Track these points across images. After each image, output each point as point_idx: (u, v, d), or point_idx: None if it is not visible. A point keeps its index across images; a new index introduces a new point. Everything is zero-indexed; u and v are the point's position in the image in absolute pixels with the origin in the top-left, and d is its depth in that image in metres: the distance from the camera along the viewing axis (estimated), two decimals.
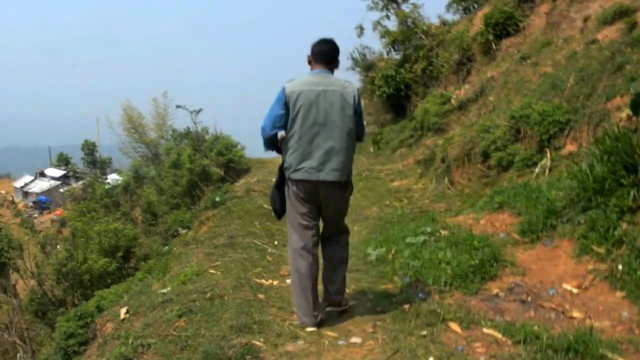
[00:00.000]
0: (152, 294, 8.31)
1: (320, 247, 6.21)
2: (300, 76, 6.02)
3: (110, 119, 37.78)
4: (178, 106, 25.35)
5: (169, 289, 8.18)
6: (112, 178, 42.09)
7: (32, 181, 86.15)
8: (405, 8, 25.96)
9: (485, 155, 11.72)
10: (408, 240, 7.87)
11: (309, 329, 5.82)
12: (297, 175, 5.83)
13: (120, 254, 18.02)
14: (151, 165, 31.40)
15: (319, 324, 5.88)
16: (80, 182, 56.04)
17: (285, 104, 5.81)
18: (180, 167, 21.15)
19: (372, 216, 11.85)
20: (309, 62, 6.09)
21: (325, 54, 6.03)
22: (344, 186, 5.96)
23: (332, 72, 6.06)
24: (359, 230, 10.41)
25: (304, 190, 5.89)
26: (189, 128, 25.45)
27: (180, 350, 5.60)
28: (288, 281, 7.35)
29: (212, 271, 8.52)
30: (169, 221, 18.74)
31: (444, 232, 7.90)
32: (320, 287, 6.17)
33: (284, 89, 5.85)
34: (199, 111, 23.83)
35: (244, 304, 6.65)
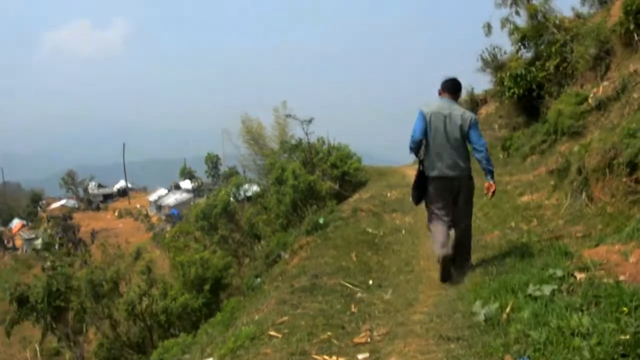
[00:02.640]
0: None
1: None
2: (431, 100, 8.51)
3: (230, 131, 37.13)
4: (288, 115, 24.16)
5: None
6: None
7: (165, 194, 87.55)
8: (535, 1, 23.73)
9: (632, 166, 9.47)
10: (530, 290, 5.86)
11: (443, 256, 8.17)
12: (433, 173, 8.22)
13: (207, 287, 16.30)
14: (259, 181, 29.98)
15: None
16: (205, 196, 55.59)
17: (424, 120, 8.14)
18: (284, 183, 19.45)
19: (492, 244, 9.83)
20: (439, 93, 8.48)
21: (450, 87, 8.44)
22: (467, 179, 8.33)
23: (456, 100, 8.50)
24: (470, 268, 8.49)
25: (438, 184, 8.25)
26: (300, 139, 23.89)
27: None
28: (360, 356, 5.66)
29: (272, 333, 6.84)
30: (272, 245, 17.02)
31: (579, 277, 5.85)
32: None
33: (422, 111, 8.21)
34: (310, 121, 22.31)
35: None
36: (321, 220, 14.36)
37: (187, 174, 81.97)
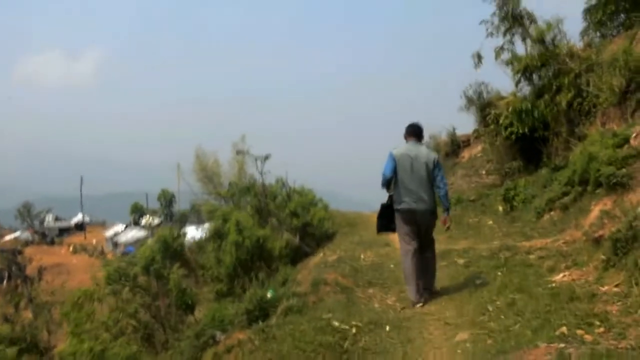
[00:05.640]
0: None
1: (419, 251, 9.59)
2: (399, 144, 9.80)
3: (182, 166, 34.00)
4: (239, 152, 20.23)
5: None
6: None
7: (122, 231, 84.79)
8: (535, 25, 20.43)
9: None
10: None
11: (417, 306, 9.25)
12: (401, 206, 9.47)
13: None
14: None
15: (424, 302, 9.31)
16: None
17: (394, 160, 9.48)
18: (225, 237, 14.99)
19: None
20: (405, 137, 9.83)
21: (414, 132, 9.82)
22: (430, 213, 9.51)
23: (420, 141, 9.87)
24: None
25: (406, 216, 9.48)
26: (254, 180, 19.55)
27: None
28: None
29: None
30: (205, 320, 12.57)
31: None
32: None
33: (392, 152, 9.54)
34: (266, 158, 18.13)
35: None
36: (269, 295, 10.40)
37: (138, 210, 77.97)
